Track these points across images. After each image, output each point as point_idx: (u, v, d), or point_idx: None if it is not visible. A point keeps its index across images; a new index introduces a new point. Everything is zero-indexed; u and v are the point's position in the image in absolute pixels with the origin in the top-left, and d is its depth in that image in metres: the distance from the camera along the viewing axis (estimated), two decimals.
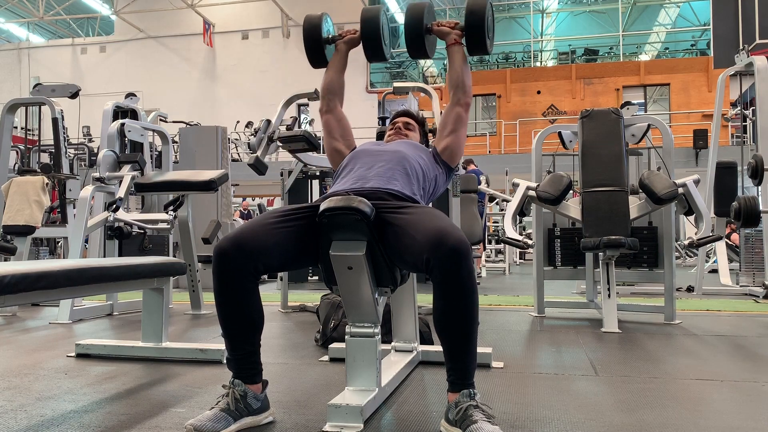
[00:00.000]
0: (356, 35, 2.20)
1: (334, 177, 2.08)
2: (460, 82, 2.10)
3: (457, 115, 2.12)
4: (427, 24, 2.10)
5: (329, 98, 2.24)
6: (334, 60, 2.25)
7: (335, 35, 2.23)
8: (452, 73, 2.12)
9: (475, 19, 2.03)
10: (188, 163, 6.25)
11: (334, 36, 2.23)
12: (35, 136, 10.16)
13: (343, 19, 20.68)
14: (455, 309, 1.57)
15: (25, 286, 1.62)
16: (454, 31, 2.11)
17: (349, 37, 2.22)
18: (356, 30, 2.19)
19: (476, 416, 1.53)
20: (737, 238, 7.08)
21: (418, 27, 2.08)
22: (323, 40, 2.18)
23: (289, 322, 3.81)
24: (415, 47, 2.12)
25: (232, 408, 1.63)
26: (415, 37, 2.09)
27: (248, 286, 1.66)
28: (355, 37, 2.21)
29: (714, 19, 11.34)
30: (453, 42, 2.10)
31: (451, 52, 2.11)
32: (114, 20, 20.25)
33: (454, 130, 2.12)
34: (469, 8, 2.04)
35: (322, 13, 2.20)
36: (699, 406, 1.91)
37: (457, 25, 2.12)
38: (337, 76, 2.24)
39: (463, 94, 2.11)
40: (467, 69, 2.12)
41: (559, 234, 4.09)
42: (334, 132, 2.22)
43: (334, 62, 2.24)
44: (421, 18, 2.07)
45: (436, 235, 1.55)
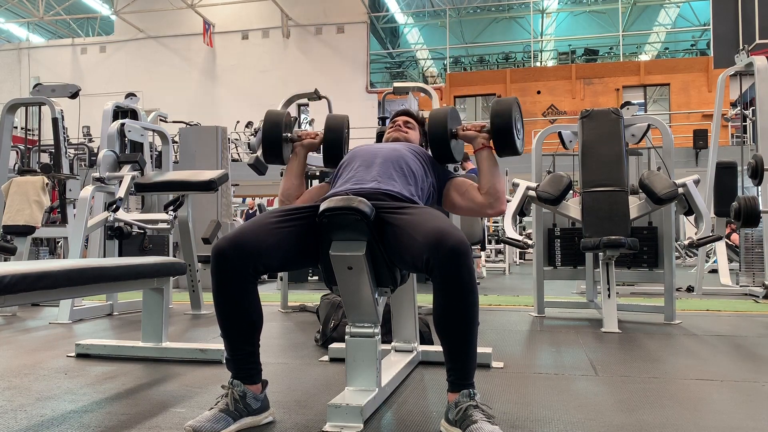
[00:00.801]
0: (316, 140, 2.16)
1: (333, 177, 2.07)
2: (492, 190, 1.97)
3: (484, 213, 2.04)
4: (451, 129, 2.04)
5: (286, 203, 2.13)
6: (291, 165, 2.17)
7: (294, 137, 2.17)
8: (483, 179, 1.99)
9: (501, 122, 1.92)
10: (188, 163, 6.26)
11: (293, 137, 2.17)
12: (35, 136, 10.15)
13: (342, 19, 20.54)
14: (455, 309, 1.57)
15: (25, 286, 1.62)
16: (480, 135, 2.01)
17: (309, 141, 2.17)
18: (317, 134, 2.16)
19: (476, 416, 1.53)
20: (737, 238, 7.08)
21: (442, 133, 2.02)
22: (282, 139, 2.13)
23: (289, 322, 3.81)
24: (442, 153, 2.07)
25: (231, 408, 1.63)
26: (441, 143, 2.04)
27: (247, 286, 1.66)
28: (315, 142, 2.17)
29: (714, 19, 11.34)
30: (481, 147, 2.01)
31: (479, 157, 2.01)
32: (114, 20, 20.24)
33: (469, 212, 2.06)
34: (495, 111, 1.94)
35: (285, 111, 2.17)
36: (699, 406, 1.91)
37: (483, 128, 2.02)
38: (296, 180, 2.17)
39: (497, 201, 1.98)
40: (498, 173, 1.99)
41: (559, 234, 4.10)
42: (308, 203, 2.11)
43: (292, 167, 2.17)
44: (444, 124, 2.02)
45: (436, 235, 1.55)
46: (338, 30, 18.47)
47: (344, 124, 2.16)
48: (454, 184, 2.07)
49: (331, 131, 2.14)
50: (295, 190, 2.17)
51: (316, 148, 2.20)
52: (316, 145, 2.19)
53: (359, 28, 18.48)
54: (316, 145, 2.19)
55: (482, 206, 2.00)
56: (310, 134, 2.19)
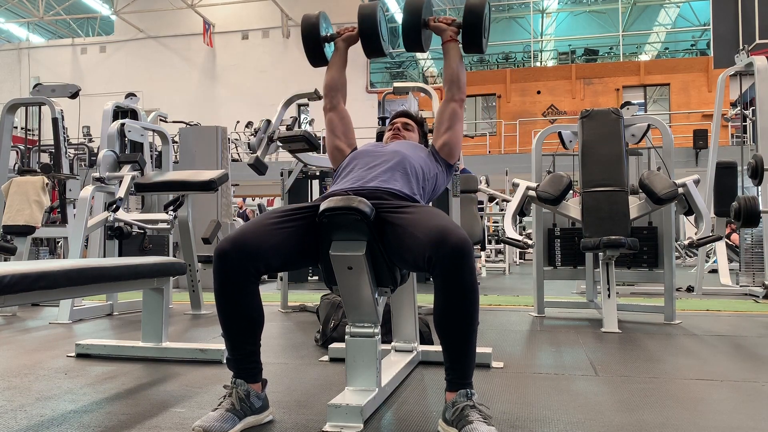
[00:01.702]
0: (354, 32, 2.20)
1: (334, 177, 2.08)
2: (455, 78, 2.11)
3: (453, 111, 2.12)
4: (424, 18, 2.10)
5: (332, 95, 2.24)
6: (334, 58, 2.24)
7: (333, 33, 2.23)
8: (447, 69, 2.13)
9: (472, 17, 2.03)
10: (188, 163, 6.25)
11: (332, 34, 2.23)
12: (35, 136, 10.16)
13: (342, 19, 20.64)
14: (456, 308, 1.57)
15: (25, 286, 1.62)
16: (450, 27, 2.12)
17: (347, 35, 2.22)
18: (354, 27, 2.19)
19: (472, 416, 1.53)
20: (737, 238, 7.08)
21: (415, 20, 2.08)
22: (322, 39, 2.18)
23: (289, 322, 3.81)
24: (412, 40, 2.12)
25: (237, 407, 1.63)
26: (412, 30, 2.09)
27: (249, 286, 1.66)
28: (353, 34, 2.21)
29: (714, 19, 11.34)
30: (449, 39, 2.11)
31: (446, 48, 2.12)
32: (114, 20, 20.25)
33: (450, 126, 2.12)
34: (468, 7, 2.04)
35: (320, 12, 2.20)
36: (699, 406, 1.91)
37: (453, 21, 2.12)
38: (339, 73, 2.24)
39: (458, 90, 2.11)
40: (462, 66, 2.13)
41: (559, 234, 4.10)
42: (337, 130, 2.22)
43: (335, 60, 2.24)
44: (419, 12, 2.08)
45: (439, 233, 1.55)
46: (336, 28, 18.46)
47: (376, 10, 2.15)
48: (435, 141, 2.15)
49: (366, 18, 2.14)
50: (338, 83, 2.24)
51: (355, 40, 2.22)
52: (355, 37, 2.21)
53: None
54: (355, 37, 2.21)
55: (447, 106, 2.11)
56: (348, 29, 2.23)
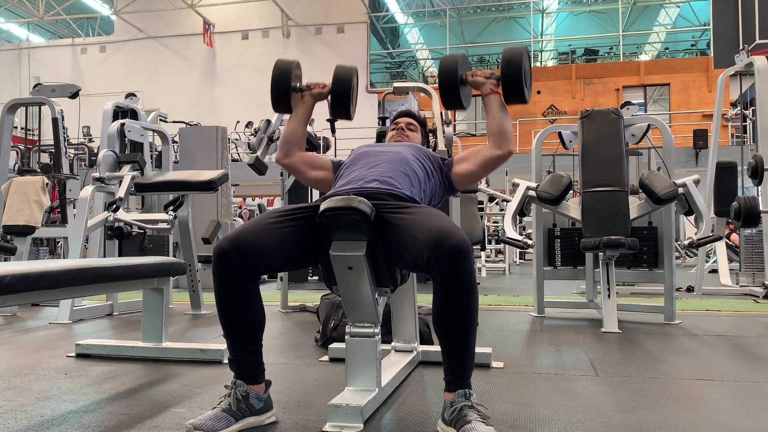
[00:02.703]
0: (325, 90, 2.15)
1: (335, 177, 2.08)
2: (501, 130, 2.00)
3: (495, 158, 2.02)
4: (461, 75, 2.04)
5: (287, 149, 2.15)
6: (298, 111, 2.17)
7: (303, 86, 2.16)
8: (491, 121, 2.02)
9: (511, 69, 1.94)
10: (188, 163, 6.25)
11: (302, 86, 2.16)
12: (35, 136, 10.16)
13: (342, 19, 20.53)
14: (455, 308, 1.57)
15: (25, 286, 1.61)
16: (489, 81, 2.02)
17: (318, 91, 2.15)
18: (325, 84, 2.16)
19: (471, 416, 1.53)
20: (737, 238, 7.08)
21: (452, 78, 2.01)
22: (291, 88, 2.12)
23: (289, 322, 3.81)
24: (450, 99, 2.06)
25: (233, 408, 1.63)
26: (450, 88, 2.02)
27: (249, 286, 1.66)
28: (324, 91, 2.15)
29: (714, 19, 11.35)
30: (489, 92, 2.02)
31: (487, 101, 2.02)
32: (114, 20, 20.24)
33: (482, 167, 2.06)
34: (506, 58, 1.96)
35: (295, 61, 2.16)
36: (699, 406, 1.91)
37: (492, 74, 2.03)
38: (301, 127, 2.17)
39: (505, 141, 1.99)
40: (506, 116, 2.02)
41: (559, 234, 4.09)
42: (304, 168, 2.15)
43: (298, 114, 2.17)
44: (455, 69, 2.02)
45: (438, 234, 1.55)
46: (338, 30, 18.47)
47: (352, 75, 2.12)
48: (456, 161, 2.10)
49: (340, 81, 2.11)
50: (296, 137, 2.16)
51: (324, 97, 2.18)
52: (325, 94, 2.17)
53: (359, 28, 18.48)
54: (325, 94, 2.17)
55: (492, 153, 2.02)
56: (319, 84, 2.17)
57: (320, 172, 2.16)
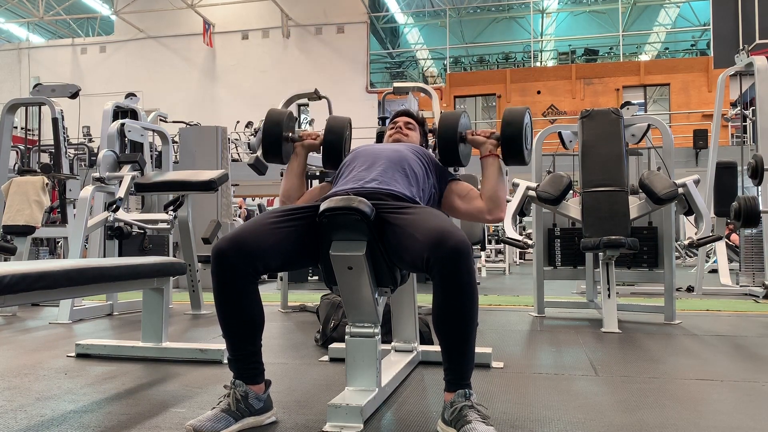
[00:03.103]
0: (317, 141, 2.16)
1: (335, 178, 2.08)
2: (494, 196, 1.99)
3: (482, 219, 2.03)
4: (461, 132, 2.04)
5: (288, 202, 2.14)
6: (292, 165, 2.18)
7: (295, 136, 2.17)
8: (486, 185, 2.01)
9: (512, 130, 1.93)
10: (188, 163, 6.26)
11: (294, 137, 2.16)
12: (35, 136, 10.16)
13: (342, 19, 20.55)
14: (454, 309, 1.57)
15: (25, 286, 1.61)
16: (489, 140, 2.02)
17: (309, 142, 2.17)
18: (318, 135, 2.16)
19: (471, 416, 1.53)
20: (737, 238, 7.08)
21: (452, 136, 2.02)
22: (283, 138, 2.13)
23: (289, 322, 3.81)
24: (449, 156, 2.06)
25: (233, 408, 1.63)
26: (450, 146, 2.03)
27: (248, 286, 1.66)
28: (316, 143, 2.17)
29: (714, 19, 11.35)
30: (488, 153, 2.01)
31: (485, 164, 2.02)
32: (114, 20, 20.25)
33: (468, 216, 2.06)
34: (507, 119, 1.96)
35: (287, 110, 2.17)
36: (699, 406, 1.91)
37: (492, 134, 2.03)
38: (298, 181, 2.18)
39: (497, 207, 2.00)
40: (502, 182, 2.01)
41: (559, 234, 4.09)
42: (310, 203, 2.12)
43: (293, 167, 2.18)
44: (455, 127, 2.02)
45: (437, 234, 1.55)
46: (338, 30, 18.48)
47: (345, 127, 2.15)
48: (455, 187, 2.08)
49: (332, 133, 2.14)
50: (296, 191, 2.17)
51: (316, 149, 2.20)
52: (317, 146, 2.19)
53: (359, 28, 18.49)
54: (317, 146, 2.19)
55: (481, 211, 2.01)
56: (311, 135, 2.19)
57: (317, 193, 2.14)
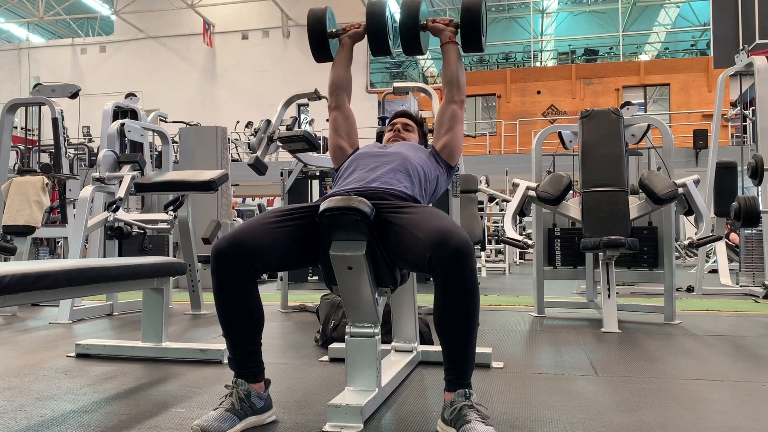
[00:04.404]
0: (360, 29, 2.18)
1: (335, 178, 2.08)
2: (455, 80, 2.10)
3: (453, 112, 2.11)
4: (421, 21, 2.09)
5: (337, 94, 2.20)
6: (339, 55, 2.21)
7: (339, 30, 2.20)
8: (446, 70, 2.11)
9: (470, 16, 2.02)
10: (188, 163, 6.25)
11: (338, 30, 2.20)
12: (35, 136, 10.16)
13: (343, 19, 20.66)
14: (456, 308, 1.57)
15: (25, 286, 1.62)
16: (448, 28, 2.10)
17: (354, 31, 2.19)
18: (360, 24, 2.18)
19: (470, 416, 1.53)
20: (737, 238, 7.08)
21: (413, 22, 2.07)
22: (327, 34, 2.15)
23: (289, 322, 3.81)
24: (410, 44, 2.11)
25: (237, 407, 1.63)
26: (410, 33, 2.08)
27: (247, 285, 1.66)
28: (360, 31, 2.19)
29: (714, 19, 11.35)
30: (447, 40, 2.10)
31: (445, 50, 2.11)
32: (114, 20, 20.25)
33: (451, 128, 2.11)
34: (466, 5, 2.04)
35: (326, 7, 2.17)
36: (699, 406, 1.91)
37: (451, 22, 2.11)
38: (344, 71, 2.21)
39: (458, 91, 2.10)
40: (461, 67, 2.12)
41: (559, 234, 4.09)
42: (340, 129, 2.19)
43: (340, 57, 2.21)
44: (416, 14, 2.07)
45: (440, 234, 1.55)
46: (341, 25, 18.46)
47: (385, 7, 2.13)
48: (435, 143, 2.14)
49: (374, 17, 2.12)
50: (343, 81, 2.20)
51: (361, 37, 2.20)
52: (361, 34, 2.19)
53: None
54: (361, 34, 2.19)
55: (448, 106, 2.11)
56: (354, 25, 2.20)
57: (345, 143, 2.17)
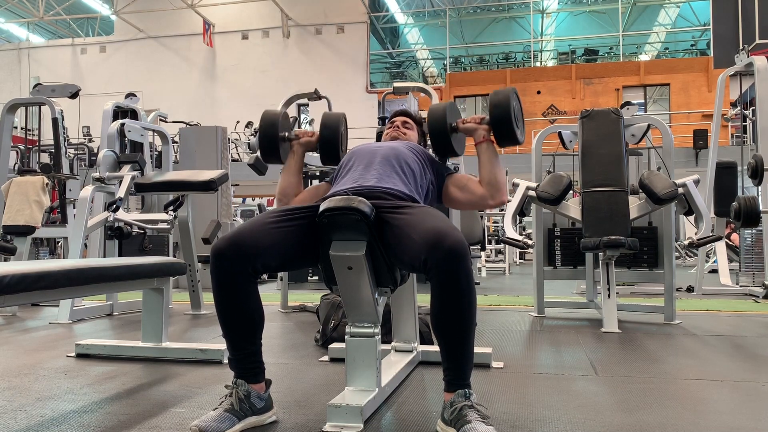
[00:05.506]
0: (313, 138, 2.17)
1: (334, 177, 2.08)
2: (494, 182, 1.99)
3: (485, 205, 2.02)
4: (451, 123, 2.03)
5: (285, 201, 2.16)
6: (289, 163, 2.19)
7: (291, 135, 2.18)
8: (484, 172, 2.00)
9: (501, 112, 1.92)
10: (188, 163, 6.26)
11: (290, 136, 2.18)
12: (35, 136, 10.16)
13: (342, 19, 20.51)
14: (452, 309, 1.57)
15: (25, 286, 1.61)
16: (480, 126, 2.01)
17: (306, 140, 2.18)
18: (314, 132, 2.17)
19: (470, 416, 1.53)
20: (737, 238, 7.08)
21: (442, 127, 2.01)
22: (279, 138, 2.14)
23: (289, 322, 3.81)
24: (442, 148, 2.06)
25: (236, 408, 1.63)
26: (441, 138, 2.03)
27: (246, 285, 1.66)
28: (312, 140, 2.18)
29: (714, 19, 11.35)
30: (482, 139, 2.00)
31: (479, 150, 2.01)
32: (114, 20, 20.25)
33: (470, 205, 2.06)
34: (494, 101, 1.95)
35: (283, 111, 2.18)
36: (699, 406, 1.91)
37: (483, 120, 2.01)
38: (296, 179, 2.18)
39: (498, 191, 1.99)
40: (498, 164, 2.01)
41: (559, 234, 4.09)
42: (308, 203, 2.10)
43: (290, 166, 2.18)
44: (443, 118, 2.01)
45: (434, 235, 1.55)
46: (338, 30, 18.47)
47: (340, 122, 2.16)
48: (452, 180, 2.09)
49: (327, 128, 2.15)
50: (292, 189, 2.18)
51: (313, 146, 2.21)
52: (314, 143, 2.19)
53: (359, 28, 18.49)
54: (314, 143, 2.19)
55: (483, 197, 2.01)
56: (307, 133, 2.20)
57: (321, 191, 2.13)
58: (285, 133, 2.17)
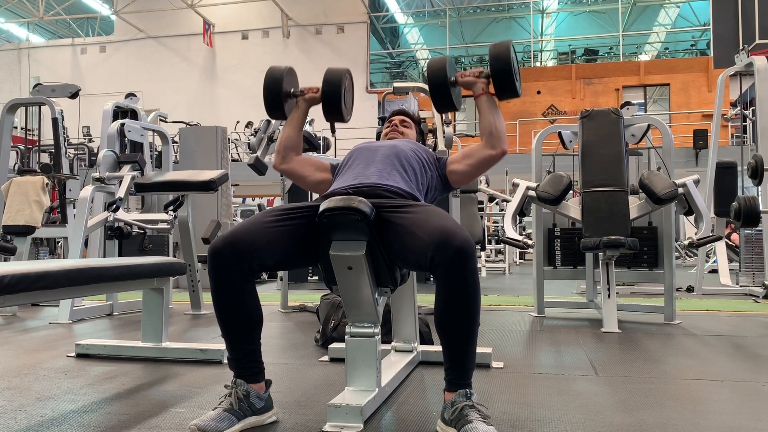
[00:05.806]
0: (318, 94, 2.15)
1: (334, 176, 2.08)
2: (494, 131, 1.97)
3: (489, 158, 2.01)
4: (450, 77, 2.02)
5: (284, 154, 2.17)
6: (293, 117, 2.18)
7: (297, 91, 2.18)
8: (484, 122, 1.99)
9: (501, 64, 1.92)
10: (188, 163, 6.26)
11: (295, 91, 2.17)
12: (35, 136, 10.16)
13: (342, 19, 20.53)
14: (457, 308, 1.57)
15: (25, 286, 1.61)
16: (480, 80, 1.99)
17: (311, 96, 2.17)
18: (318, 88, 2.16)
19: (471, 416, 1.53)
20: (737, 238, 7.08)
21: (442, 80, 2.00)
22: (284, 94, 2.13)
23: (289, 322, 3.81)
24: (442, 102, 2.05)
25: (235, 408, 1.63)
26: (441, 91, 2.01)
27: (244, 285, 1.66)
28: (317, 96, 2.16)
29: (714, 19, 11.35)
30: (481, 92, 1.98)
31: (479, 102, 1.99)
32: (114, 20, 20.24)
33: (476, 167, 2.05)
34: (494, 54, 1.94)
35: (288, 67, 2.17)
36: (699, 406, 1.91)
37: (482, 73, 2.00)
38: (296, 133, 2.18)
39: (498, 141, 1.97)
40: (499, 115, 2.00)
41: (559, 234, 4.09)
42: (304, 172, 2.16)
43: (293, 119, 2.18)
44: (444, 72, 2.00)
45: (442, 234, 1.55)
46: (338, 30, 18.47)
47: (342, 76, 2.12)
48: (450, 160, 2.10)
49: (329, 84, 2.10)
50: (292, 143, 2.17)
51: (317, 102, 2.18)
52: (318, 99, 2.17)
53: (359, 28, 18.48)
54: (318, 99, 2.17)
55: (484, 153, 2.00)
56: (312, 88, 2.18)
57: (321, 174, 2.17)
58: (290, 89, 2.16)
